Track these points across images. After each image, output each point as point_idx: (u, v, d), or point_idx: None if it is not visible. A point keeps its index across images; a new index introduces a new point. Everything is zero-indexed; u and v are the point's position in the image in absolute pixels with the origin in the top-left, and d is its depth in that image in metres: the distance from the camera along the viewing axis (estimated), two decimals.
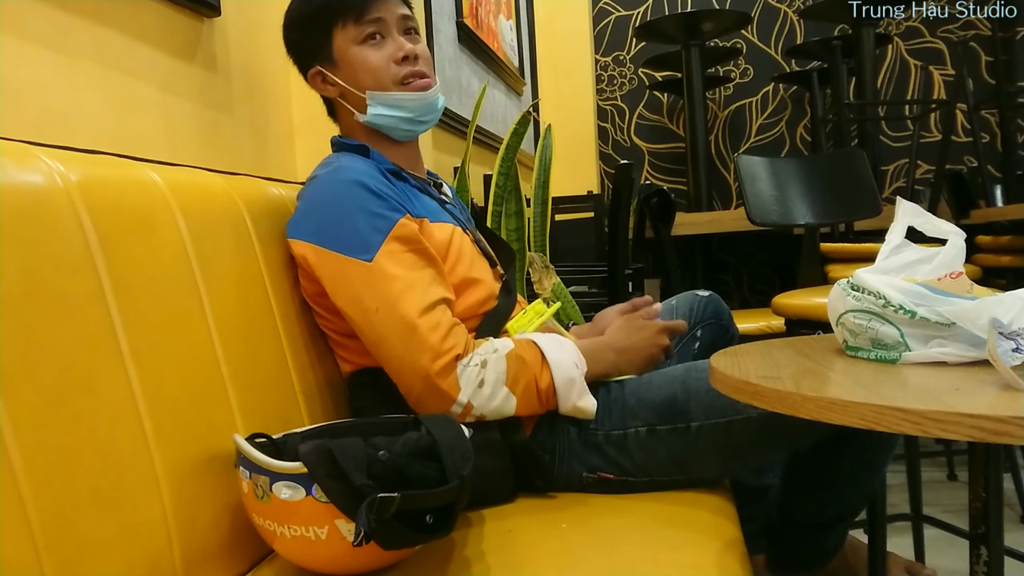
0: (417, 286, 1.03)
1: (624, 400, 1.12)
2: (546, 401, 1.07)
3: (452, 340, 1.02)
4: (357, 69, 1.17)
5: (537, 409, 1.07)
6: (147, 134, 1.26)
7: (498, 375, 1.03)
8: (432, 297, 1.04)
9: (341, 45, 1.17)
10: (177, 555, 0.79)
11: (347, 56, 1.17)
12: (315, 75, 1.21)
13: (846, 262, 2.24)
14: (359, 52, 1.16)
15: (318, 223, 1.07)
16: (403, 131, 1.21)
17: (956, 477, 2.33)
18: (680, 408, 1.09)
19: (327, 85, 1.20)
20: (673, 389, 1.10)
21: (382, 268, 1.03)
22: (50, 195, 0.75)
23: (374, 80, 1.16)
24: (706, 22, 3.60)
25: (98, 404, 0.74)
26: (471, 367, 1.03)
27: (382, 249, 1.03)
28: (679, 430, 1.08)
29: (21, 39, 1.03)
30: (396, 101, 1.17)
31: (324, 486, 0.77)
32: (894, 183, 3.98)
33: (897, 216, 0.94)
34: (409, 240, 1.06)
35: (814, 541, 1.35)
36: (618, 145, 4.32)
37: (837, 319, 0.90)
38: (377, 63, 1.16)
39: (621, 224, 2.28)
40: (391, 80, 1.17)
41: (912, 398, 0.67)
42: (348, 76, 1.18)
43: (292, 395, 1.06)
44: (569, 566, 0.89)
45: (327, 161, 1.16)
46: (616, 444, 1.10)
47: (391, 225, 1.05)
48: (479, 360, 1.04)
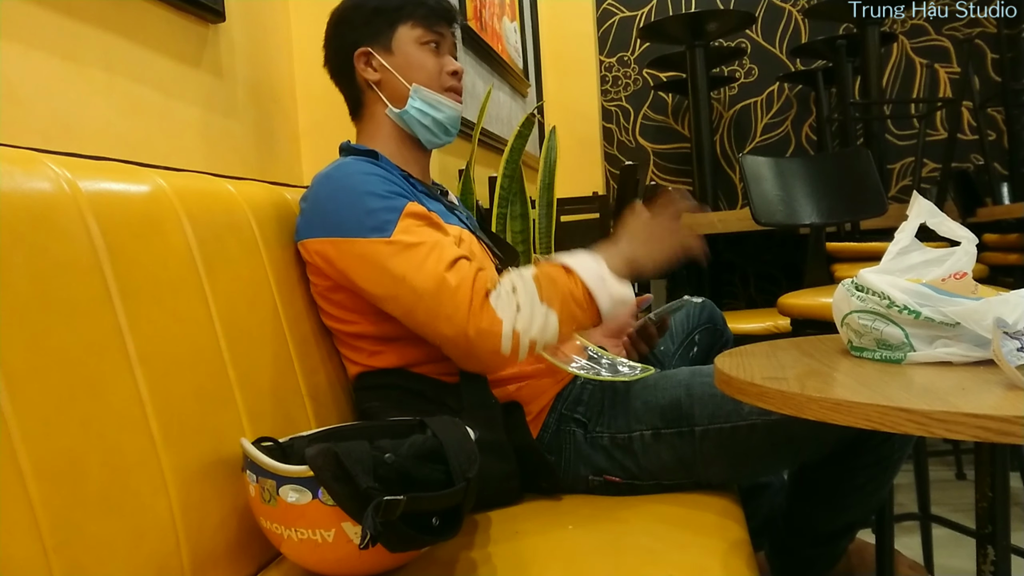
0: (438, 247, 1.05)
1: (629, 403, 1.12)
2: (587, 305, 1.06)
3: (479, 283, 1.04)
4: (413, 63, 1.21)
5: (580, 319, 1.07)
6: (153, 140, 1.27)
7: (531, 295, 1.04)
8: (453, 255, 1.05)
9: (403, 39, 1.21)
10: (185, 557, 0.79)
11: (406, 50, 1.21)
12: (361, 55, 1.22)
13: (852, 261, 2.23)
14: (420, 50, 1.22)
15: (331, 216, 1.08)
16: (428, 134, 1.23)
17: (964, 476, 2.33)
18: (684, 412, 1.09)
19: (370, 68, 1.22)
20: (678, 393, 1.11)
21: (402, 240, 1.04)
22: (57, 201, 0.76)
23: (425, 78, 1.22)
24: (710, 22, 3.60)
25: (106, 408, 0.74)
26: (504, 295, 1.04)
27: (398, 226, 1.05)
28: (683, 434, 1.09)
29: (28, 46, 1.03)
30: (437, 102, 1.22)
31: (330, 489, 0.77)
32: (900, 182, 3.97)
33: (911, 213, 0.92)
34: (423, 216, 1.08)
35: (822, 550, 1.34)
36: (623, 146, 4.32)
37: (842, 320, 0.90)
38: (433, 66, 1.23)
39: None
40: (439, 85, 1.23)
41: (917, 399, 0.67)
42: (400, 66, 1.21)
43: (298, 398, 1.07)
44: (576, 567, 0.89)
45: (337, 162, 1.17)
46: (622, 447, 1.10)
47: (403, 205, 1.07)
48: (509, 286, 1.05)
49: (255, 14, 1.63)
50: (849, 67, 3.39)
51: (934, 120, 3.92)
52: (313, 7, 1.73)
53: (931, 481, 1.77)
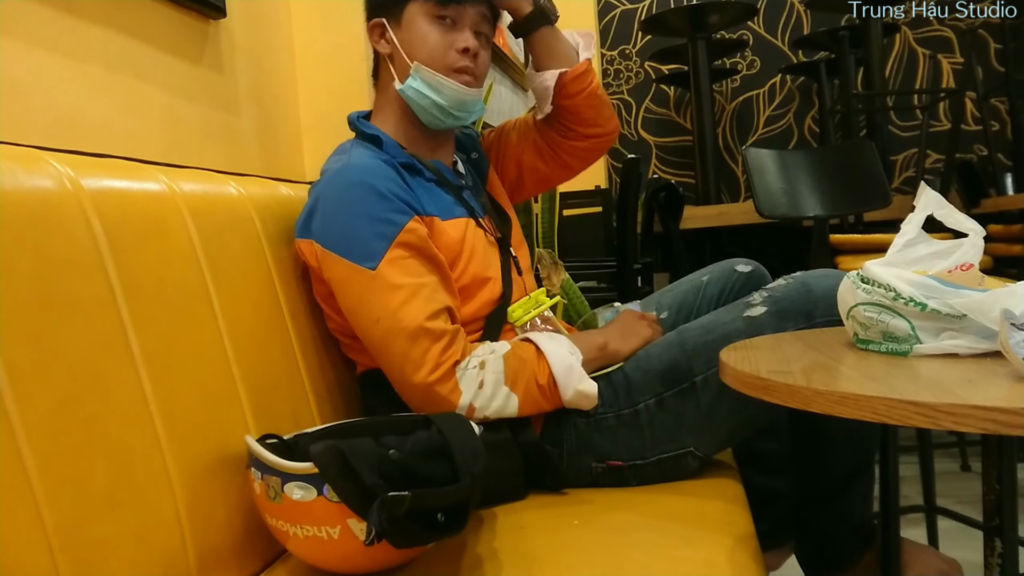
0: (420, 294, 1.03)
1: (628, 378, 1.13)
2: (549, 394, 1.07)
3: (452, 349, 1.03)
4: (417, 39, 1.16)
5: (542, 404, 1.08)
6: (155, 137, 1.27)
7: (497, 375, 1.04)
8: (435, 306, 1.04)
9: (413, 12, 1.17)
10: (191, 555, 0.79)
11: (414, 24, 1.17)
12: (375, 26, 1.21)
13: (856, 254, 2.23)
14: (427, 25, 1.16)
15: (325, 225, 1.07)
16: (431, 116, 1.19)
17: (969, 468, 2.32)
18: (683, 369, 1.10)
19: (382, 40, 1.20)
20: (672, 354, 1.12)
21: (385, 277, 1.03)
22: (60, 199, 0.76)
23: (428, 56, 1.16)
24: (712, 14, 3.58)
25: (110, 406, 0.74)
26: (470, 369, 1.04)
27: (386, 257, 1.03)
28: (685, 390, 1.10)
29: (29, 44, 1.03)
30: (438, 83, 1.16)
31: (335, 486, 0.77)
32: (903, 173, 3.96)
33: (918, 204, 0.92)
34: (414, 246, 1.06)
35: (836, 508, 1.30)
36: (625, 139, 4.31)
37: (848, 312, 0.90)
38: (438, 42, 1.16)
39: (629, 218, 2.27)
40: (444, 64, 1.16)
41: (924, 391, 0.67)
42: (406, 41, 1.17)
43: (303, 395, 1.07)
44: (582, 562, 0.89)
45: (340, 150, 1.17)
46: (628, 424, 1.11)
47: (397, 231, 1.04)
48: (477, 362, 1.04)
49: (256, 10, 1.62)
50: (852, 58, 3.38)
51: (937, 111, 3.90)
52: (314, 3, 1.73)
53: (936, 473, 1.77)
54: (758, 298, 1.15)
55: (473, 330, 1.15)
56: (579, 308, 1.91)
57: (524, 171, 1.39)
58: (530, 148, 1.37)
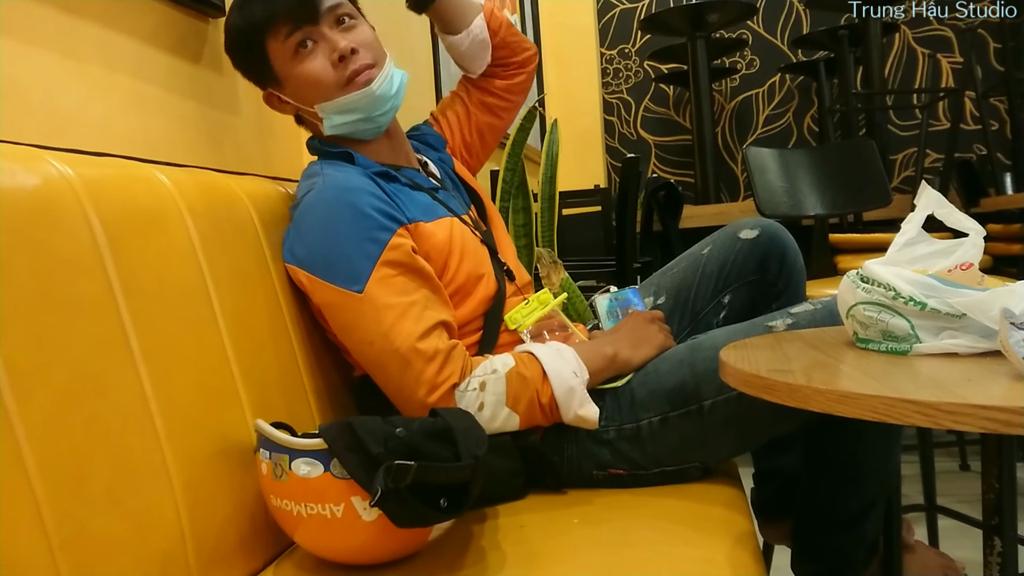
0: (410, 313, 1.01)
1: (633, 394, 1.11)
2: (550, 414, 1.06)
3: (448, 369, 1.01)
4: (302, 86, 1.13)
5: (541, 422, 1.07)
6: (154, 135, 1.26)
7: (498, 396, 1.03)
8: (427, 323, 1.02)
9: (279, 63, 1.13)
10: (191, 553, 0.79)
11: (289, 74, 1.13)
12: (269, 96, 1.19)
13: (856, 253, 2.23)
14: (296, 67, 1.12)
15: (309, 250, 1.05)
16: (368, 130, 1.17)
17: (969, 467, 2.33)
18: (691, 392, 1.07)
19: (284, 104, 1.18)
20: (681, 374, 1.09)
21: (373, 299, 1.01)
22: (59, 198, 0.76)
23: (320, 92, 1.12)
24: (711, 13, 3.59)
25: (110, 405, 0.74)
26: (469, 392, 1.02)
27: (372, 277, 1.01)
28: (692, 413, 1.07)
29: (27, 43, 1.03)
30: (345, 106, 1.12)
31: (342, 458, 0.78)
32: (903, 172, 3.96)
33: (919, 204, 0.91)
34: (400, 263, 1.04)
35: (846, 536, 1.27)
36: (624, 138, 4.31)
37: (847, 311, 0.90)
38: (316, 72, 1.11)
39: (629, 217, 2.28)
40: (334, 86, 1.11)
41: (924, 390, 0.67)
42: (295, 93, 1.14)
43: (303, 394, 1.07)
44: (582, 559, 0.89)
45: (310, 173, 1.13)
46: (629, 439, 1.09)
47: (381, 249, 1.02)
48: (477, 383, 1.03)
49: None
50: (851, 57, 3.38)
51: (937, 110, 3.91)
52: None
53: (936, 472, 1.77)
54: (780, 323, 1.11)
55: (473, 330, 1.14)
56: (578, 307, 1.91)
57: (484, 133, 1.41)
58: (481, 109, 1.40)
